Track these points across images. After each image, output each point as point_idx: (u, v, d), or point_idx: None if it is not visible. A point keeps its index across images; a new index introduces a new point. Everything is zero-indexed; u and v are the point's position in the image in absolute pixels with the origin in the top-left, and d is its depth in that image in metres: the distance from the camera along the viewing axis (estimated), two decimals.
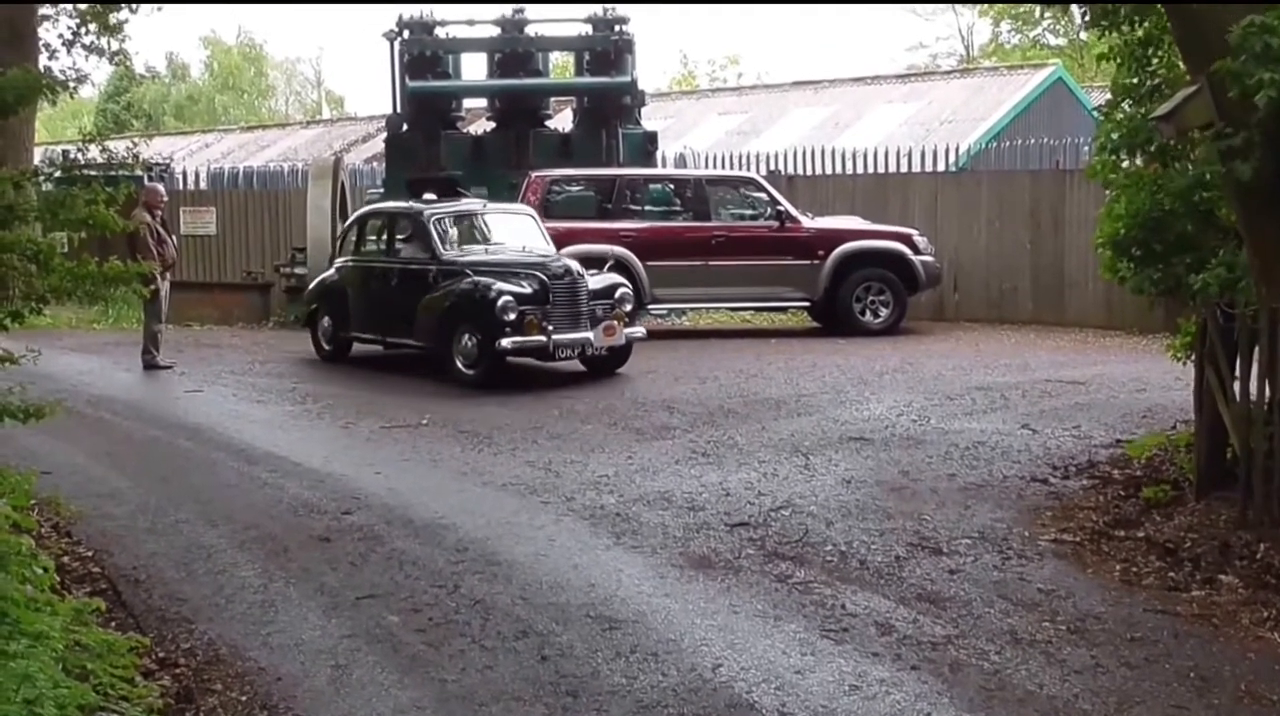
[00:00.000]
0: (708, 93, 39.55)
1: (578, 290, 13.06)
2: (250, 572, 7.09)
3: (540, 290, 12.90)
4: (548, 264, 13.25)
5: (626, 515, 8.08)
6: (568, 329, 12.89)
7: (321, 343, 15.35)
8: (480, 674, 5.62)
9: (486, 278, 13.08)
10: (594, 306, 13.11)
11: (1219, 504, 7.68)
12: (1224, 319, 7.88)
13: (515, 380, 12.96)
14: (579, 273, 13.16)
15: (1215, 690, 5.44)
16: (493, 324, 12.61)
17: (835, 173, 20.99)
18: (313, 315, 15.60)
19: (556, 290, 12.94)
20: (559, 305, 12.91)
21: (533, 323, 12.66)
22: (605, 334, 13.00)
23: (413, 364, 14.31)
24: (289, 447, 10.23)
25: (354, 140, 35.34)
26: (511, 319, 12.57)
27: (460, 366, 13.01)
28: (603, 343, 13.02)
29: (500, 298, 12.62)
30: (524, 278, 13.08)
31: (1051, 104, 27.39)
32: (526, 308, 12.70)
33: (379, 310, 14.49)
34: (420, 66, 20.18)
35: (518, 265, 13.44)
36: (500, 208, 15.32)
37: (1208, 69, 7.02)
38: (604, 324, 12.99)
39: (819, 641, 5.97)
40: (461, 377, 12.92)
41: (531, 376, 13.26)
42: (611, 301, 13.31)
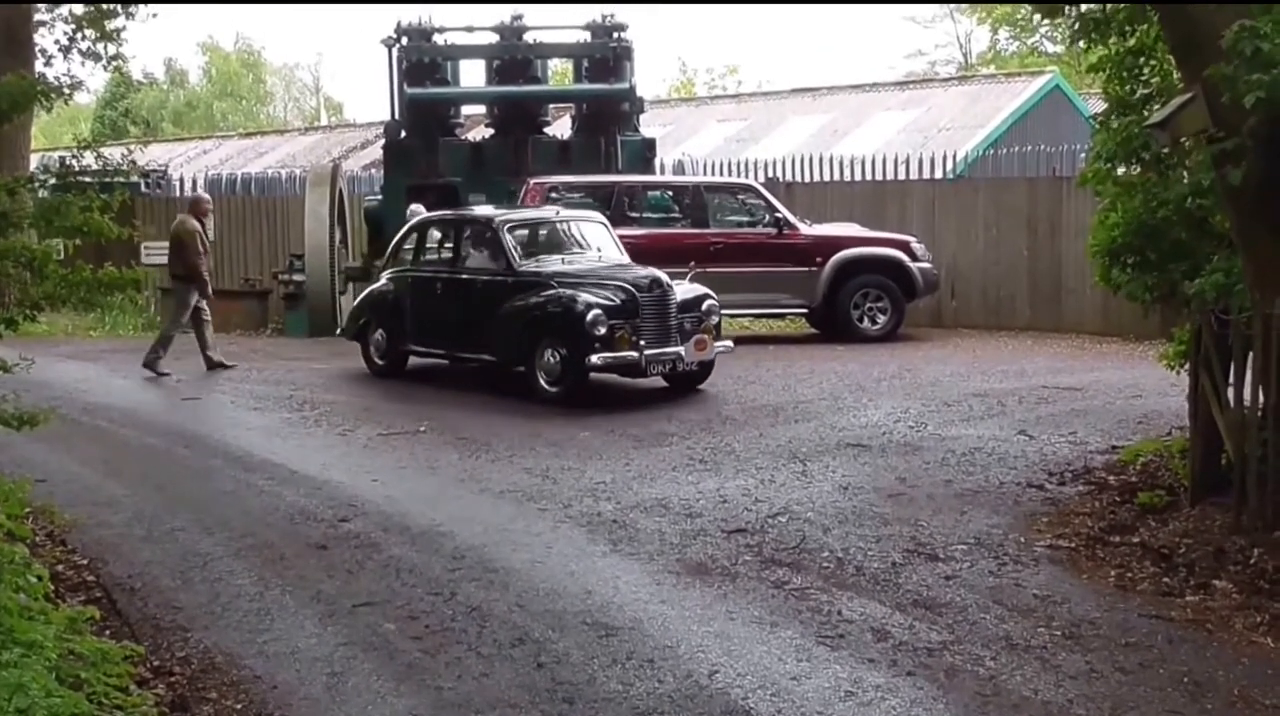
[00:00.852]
0: (706, 100, 39.59)
1: (667, 302, 12.34)
2: (246, 580, 7.09)
3: (629, 302, 12.21)
4: (634, 274, 12.59)
5: (623, 522, 8.09)
6: (658, 343, 12.22)
7: (374, 357, 14.47)
8: (476, 681, 5.63)
9: (570, 289, 12.42)
10: (683, 319, 12.40)
11: (1213, 509, 7.70)
12: (1218, 325, 7.90)
13: (599, 398, 12.35)
14: (667, 283, 12.42)
15: (1209, 695, 5.46)
16: (581, 338, 11.96)
17: (833, 180, 21.01)
18: (363, 328, 14.68)
19: (645, 302, 12.24)
20: (648, 318, 12.22)
21: (624, 337, 12.02)
22: (696, 348, 12.33)
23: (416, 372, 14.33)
24: (286, 455, 10.24)
25: (352, 147, 35.35)
26: (601, 333, 11.93)
27: (543, 383, 12.31)
28: (694, 357, 12.35)
29: (589, 311, 11.96)
30: (610, 289, 12.39)
31: (1049, 111, 27.42)
32: (616, 321, 12.05)
33: (444, 323, 13.62)
34: (419, 73, 20.19)
35: (601, 276, 12.76)
36: (573, 214, 14.64)
37: (1202, 76, 7.05)
38: (695, 338, 12.31)
39: (815, 647, 5.98)
40: (544, 394, 12.24)
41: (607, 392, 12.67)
42: (699, 314, 12.57)
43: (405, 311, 14.09)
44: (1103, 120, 9.24)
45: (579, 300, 12.13)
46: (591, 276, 12.73)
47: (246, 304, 21.26)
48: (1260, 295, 7.39)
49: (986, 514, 8.22)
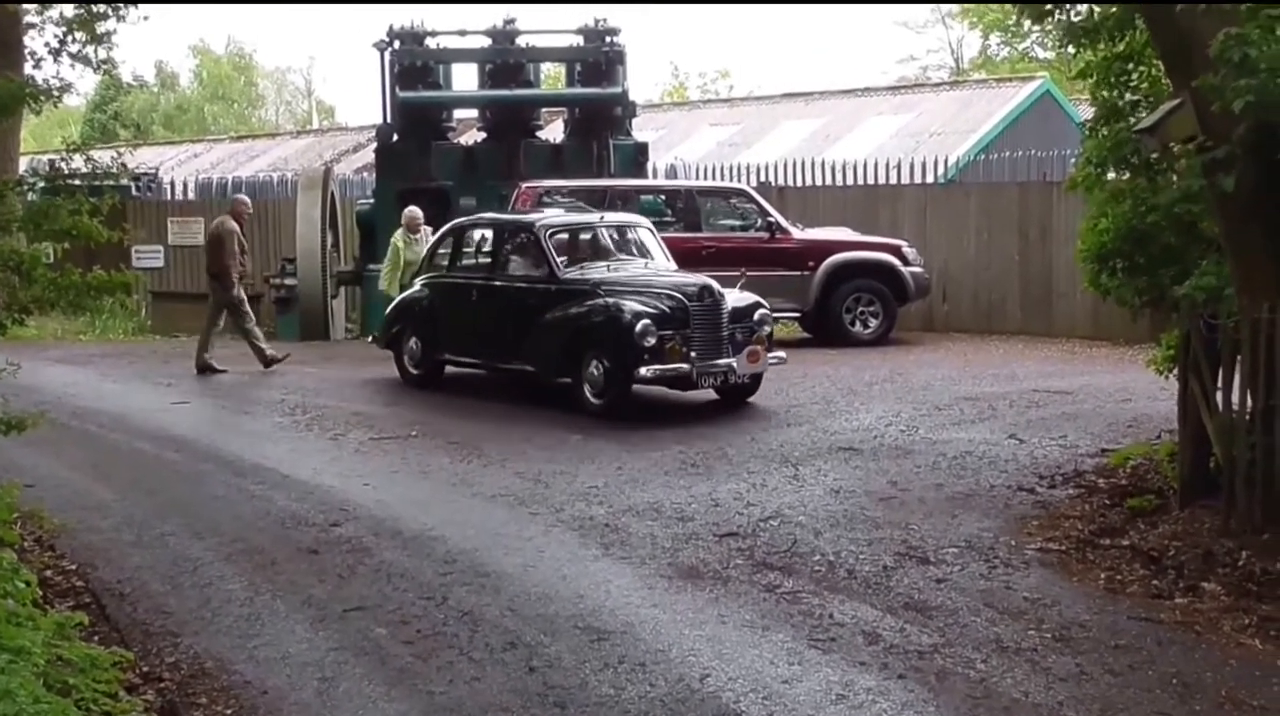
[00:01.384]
0: (699, 104, 39.66)
1: (719, 311, 11.77)
2: (237, 585, 7.09)
3: (679, 311, 11.63)
4: (683, 282, 12.03)
5: (615, 526, 8.10)
6: (709, 354, 11.66)
7: (408, 366, 13.87)
8: (468, 685, 5.64)
9: (617, 298, 11.87)
10: (734, 328, 11.84)
11: (1202, 512, 7.73)
12: (1207, 329, 7.92)
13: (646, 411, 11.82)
14: (719, 292, 11.85)
15: (1197, 696, 5.48)
16: (629, 349, 11.39)
17: (826, 184, 21.04)
18: (397, 336, 14.07)
19: (696, 312, 11.68)
20: (699, 328, 11.65)
21: (674, 348, 11.42)
22: (749, 360, 11.79)
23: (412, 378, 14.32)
24: (277, 459, 10.23)
25: (344, 150, 35.36)
26: (651, 344, 11.33)
27: (589, 396, 11.74)
28: (746, 369, 11.82)
29: (638, 320, 11.38)
30: (658, 297, 11.80)
31: (1039, 116, 27.48)
32: (666, 331, 11.45)
33: (481, 331, 13.06)
34: (411, 77, 20.20)
35: (649, 284, 12.16)
36: (617, 218, 14.16)
37: (1191, 83, 7.08)
38: (747, 349, 11.76)
39: (806, 651, 5.99)
40: (589, 408, 11.66)
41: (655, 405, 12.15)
42: (750, 323, 11.99)
43: (441, 319, 13.57)
44: (1092, 126, 9.27)
45: (626, 309, 11.60)
46: (639, 284, 12.21)
47: None
48: (1248, 299, 7.43)
49: (977, 517, 8.24)
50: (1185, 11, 7.09)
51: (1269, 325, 7.24)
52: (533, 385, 12.65)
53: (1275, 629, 6.17)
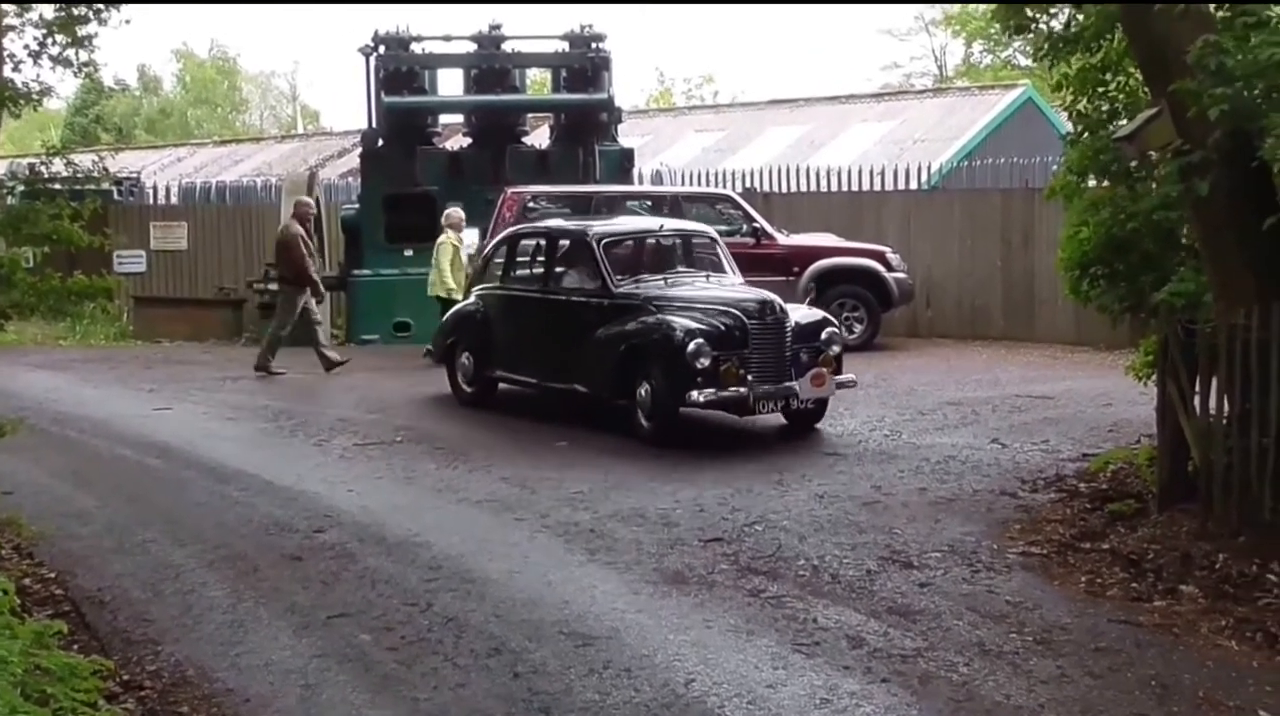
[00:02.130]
0: (685, 110, 39.72)
1: (781, 330, 10.84)
2: (219, 592, 7.09)
3: (737, 330, 10.72)
4: (743, 299, 11.12)
5: (601, 531, 8.12)
6: (770, 378, 10.70)
7: (461, 383, 13.11)
8: (453, 692, 5.66)
9: (670, 314, 10.99)
10: (798, 349, 10.90)
11: (1181, 516, 7.79)
12: (1185, 335, 7.99)
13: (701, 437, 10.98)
14: (782, 308, 10.97)
15: (1175, 697, 5.54)
16: (681, 371, 10.49)
17: (810, 190, 21.11)
18: (450, 350, 13.31)
19: (756, 330, 10.74)
20: (759, 349, 10.72)
21: (730, 371, 10.51)
22: (814, 384, 10.78)
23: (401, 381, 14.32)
24: (260, 465, 10.22)
25: (329, 155, 35.32)
26: (704, 366, 10.44)
27: (643, 420, 10.85)
28: (811, 394, 10.81)
29: (690, 340, 10.49)
30: (715, 314, 10.89)
31: (1022, 123, 27.59)
32: (721, 352, 10.55)
33: (534, 347, 12.30)
34: (396, 82, 20.20)
35: (707, 300, 11.26)
36: (679, 227, 13.04)
37: (1168, 90, 7.15)
38: (812, 372, 10.76)
39: (791, 655, 6.03)
40: (642, 432, 10.81)
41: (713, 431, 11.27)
42: (817, 344, 11.05)
43: (493, 333, 12.80)
44: (1074, 138, 9.33)
45: (678, 327, 10.69)
46: (695, 300, 11.29)
47: (221, 313, 21.21)
48: (1225, 305, 7.50)
49: (960, 521, 8.29)
50: (1162, 18, 7.16)
51: (1245, 330, 7.31)
52: (585, 405, 11.72)
53: (1251, 630, 6.24)
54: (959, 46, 51.39)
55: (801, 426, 11.22)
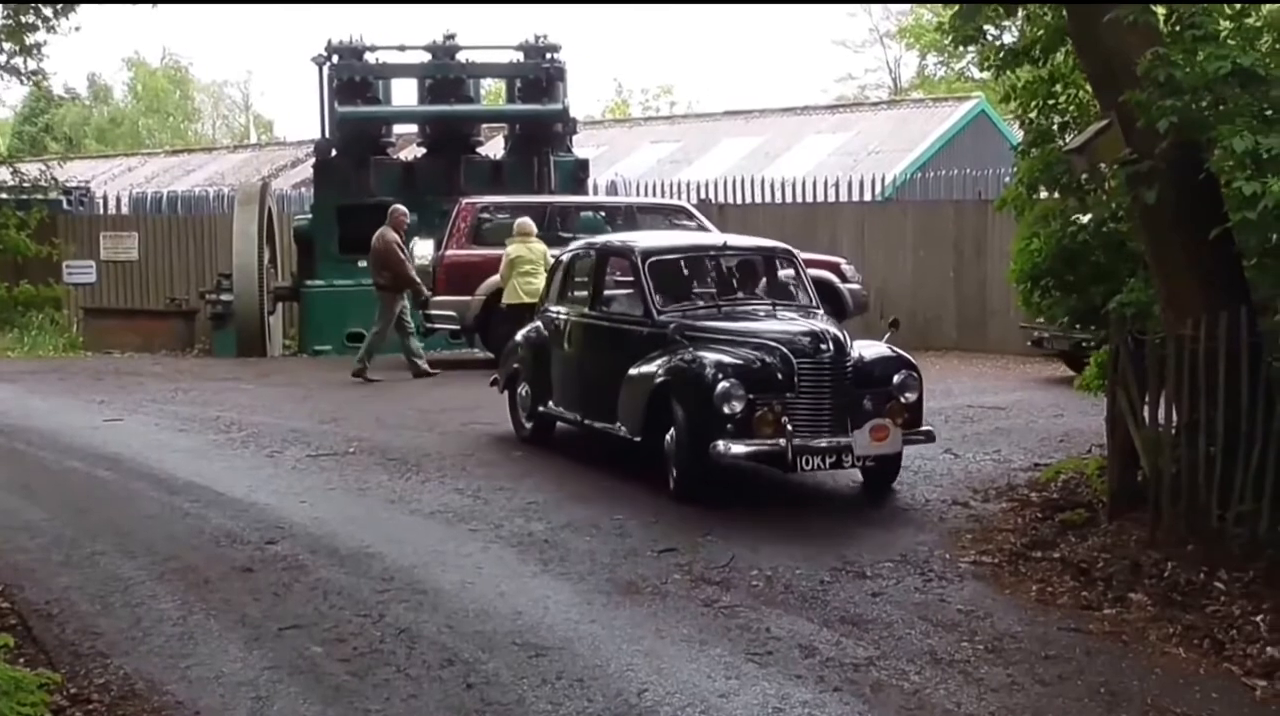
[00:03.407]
0: (640, 121, 39.82)
1: (839, 372, 8.96)
2: (170, 605, 7.01)
3: (780, 368, 8.92)
4: (792, 332, 9.24)
5: (555, 542, 8.11)
6: (818, 428, 8.86)
7: (521, 418, 11.59)
8: (405, 703, 5.62)
9: (706, 348, 9.28)
10: (861, 394, 9.01)
11: (1130, 525, 7.87)
12: (1134, 345, 8.08)
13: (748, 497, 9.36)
14: (839, 345, 9.03)
15: (1124, 705, 5.59)
16: (707, 416, 8.82)
17: (765, 201, 21.24)
18: (512, 378, 11.81)
19: (805, 370, 8.90)
20: (808, 393, 8.88)
21: (766, 418, 8.76)
22: (874, 437, 8.73)
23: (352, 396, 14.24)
24: (212, 477, 10.14)
25: (283, 165, 35.17)
26: (735, 411, 8.75)
27: (672, 470, 9.21)
28: (869, 450, 8.78)
29: (720, 380, 8.80)
30: (758, 349, 9.12)
31: (975, 135, 27.88)
32: (759, 395, 8.81)
33: (580, 381, 10.72)
34: (350, 91, 20.17)
35: (753, 333, 9.43)
36: (748, 245, 11.28)
37: (1117, 102, 7.25)
38: (872, 424, 8.75)
39: (744, 665, 6.03)
40: (672, 486, 9.19)
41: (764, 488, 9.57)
42: (887, 389, 9.09)
43: (550, 362, 11.19)
44: (1025, 149, 9.44)
45: (708, 364, 9.00)
46: (741, 333, 9.49)
47: (172, 324, 21.10)
48: (1174, 316, 7.59)
49: (913, 531, 8.33)
50: (1111, 30, 7.25)
51: (1193, 341, 7.39)
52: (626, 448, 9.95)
53: (1199, 637, 6.30)
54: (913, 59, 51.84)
55: (874, 487, 9.39)
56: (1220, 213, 6.97)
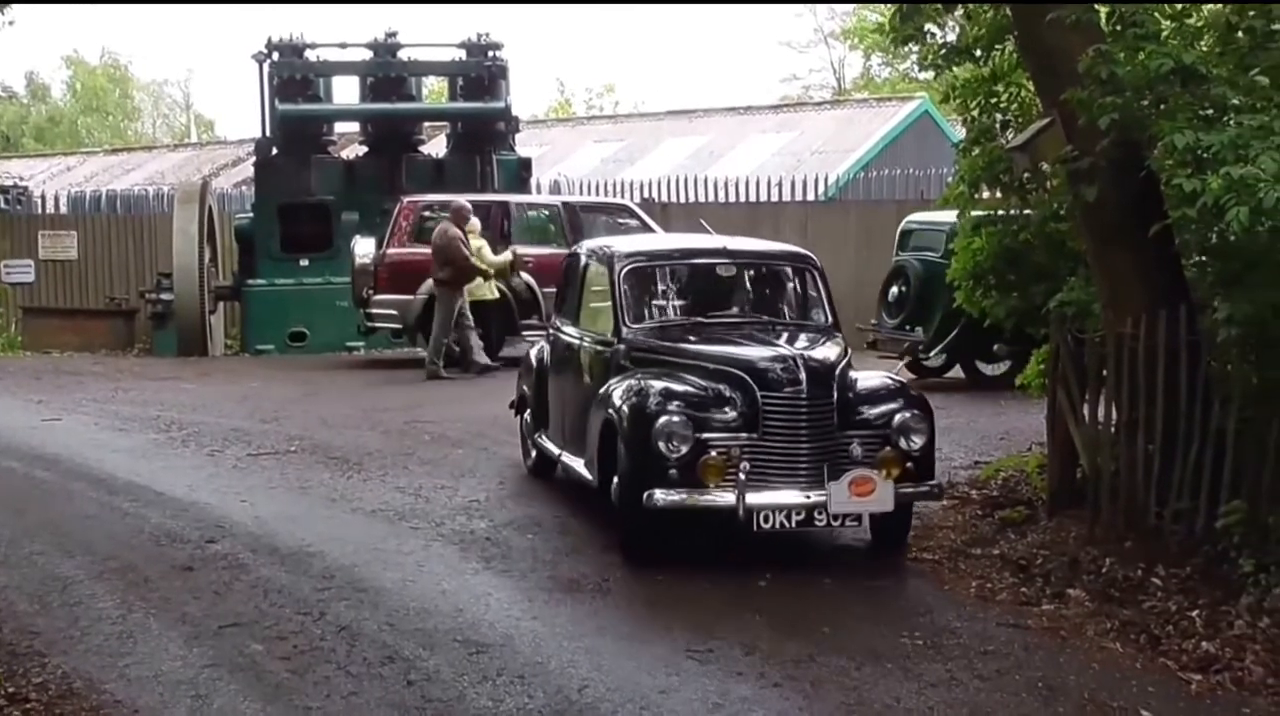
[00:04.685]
0: (583, 120, 39.79)
1: (819, 408, 7.40)
2: (109, 604, 6.93)
3: (741, 404, 7.42)
4: (760, 358, 7.66)
5: (496, 539, 8.08)
6: (790, 477, 7.34)
7: (528, 445, 10.06)
8: (345, 700, 5.59)
9: (661, 376, 7.82)
10: (848, 438, 7.48)
11: (1069, 522, 7.96)
12: (1074, 344, 8.16)
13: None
14: (820, 374, 7.49)
15: (1061, 699, 5.64)
16: (644, 458, 7.38)
17: (708, 201, 21.27)
18: (522, 402, 10.27)
19: (772, 405, 7.37)
20: (775, 433, 7.36)
21: (711, 465, 7.30)
22: (854, 491, 7.19)
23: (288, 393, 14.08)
24: (152, 476, 10.02)
25: (224, 164, 34.82)
26: (680, 453, 7.30)
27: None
28: (848, 507, 7.23)
29: (661, 414, 7.37)
30: (717, 377, 7.62)
31: (918, 135, 28.08)
32: (712, 435, 7.36)
33: (560, 410, 9.31)
34: (290, 89, 19.99)
35: (717, 357, 7.86)
36: (752, 250, 9.59)
37: (1059, 100, 7.32)
38: (853, 475, 7.22)
39: (684, 662, 6.03)
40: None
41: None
42: (881, 430, 7.57)
43: (547, 387, 9.70)
44: (966, 146, 9.51)
45: (651, 395, 7.54)
46: (709, 357, 7.91)
47: (112, 323, 20.86)
48: (1114, 314, 7.67)
49: (854, 528, 8.35)
50: (1053, 29, 7.31)
51: (1133, 339, 7.48)
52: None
53: (1136, 632, 6.38)
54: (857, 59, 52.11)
55: (881, 546, 7.90)
56: (1161, 210, 7.05)
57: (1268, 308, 6.71)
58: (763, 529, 7.29)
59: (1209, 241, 7.28)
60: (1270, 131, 6.12)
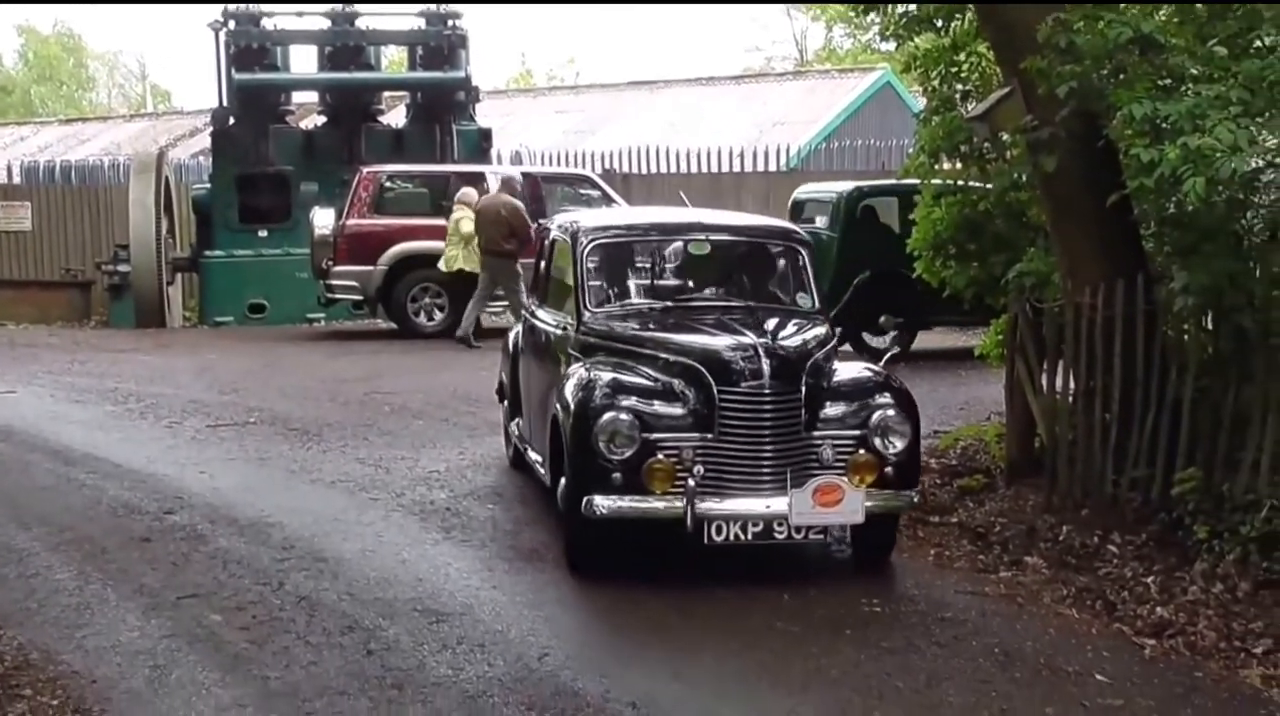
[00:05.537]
0: (545, 91, 39.61)
1: (784, 405, 6.59)
2: (65, 575, 6.87)
3: (695, 401, 6.63)
4: (718, 348, 6.81)
5: (457, 510, 8.07)
6: (751, 484, 6.55)
7: (510, 434, 9.16)
8: (305, 670, 5.57)
9: (609, 366, 7.04)
10: (816, 440, 6.66)
11: (1027, 490, 8.02)
12: (1033, 314, 8.21)
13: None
14: (788, 366, 6.67)
15: (1017, 664, 5.68)
16: (586, 460, 6.61)
17: (670, 171, 21.24)
18: (502, 388, 9.52)
19: (731, 403, 6.58)
20: (733, 433, 6.56)
21: (659, 469, 6.51)
22: (819, 501, 6.42)
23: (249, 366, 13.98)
24: (109, 448, 9.94)
25: (181, 135, 34.46)
26: (622, 457, 6.52)
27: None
28: (811, 519, 6.49)
29: (605, 411, 6.60)
30: (670, 370, 6.83)
31: (880, 107, 28.13)
32: (662, 435, 6.58)
33: (528, 396, 8.60)
34: (247, 58, 19.80)
35: (676, 348, 6.97)
36: (729, 224, 8.67)
37: (1019, 69, 7.32)
38: (817, 483, 6.44)
39: (645, 630, 6.05)
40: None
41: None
42: (856, 430, 6.74)
43: (519, 372, 8.96)
44: (926, 116, 9.53)
45: (597, 388, 6.77)
46: (660, 344, 7.10)
47: (68, 295, 20.66)
48: (1072, 284, 7.72)
49: None
50: None
51: (1091, 309, 7.53)
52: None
53: (1091, 599, 6.43)
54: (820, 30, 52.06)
55: (864, 560, 7.11)
56: (1119, 180, 7.08)
57: (1223, 277, 6.77)
58: (715, 542, 6.51)
59: (1166, 211, 7.32)
60: (1228, 102, 6.14)
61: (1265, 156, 6.82)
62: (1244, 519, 6.54)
